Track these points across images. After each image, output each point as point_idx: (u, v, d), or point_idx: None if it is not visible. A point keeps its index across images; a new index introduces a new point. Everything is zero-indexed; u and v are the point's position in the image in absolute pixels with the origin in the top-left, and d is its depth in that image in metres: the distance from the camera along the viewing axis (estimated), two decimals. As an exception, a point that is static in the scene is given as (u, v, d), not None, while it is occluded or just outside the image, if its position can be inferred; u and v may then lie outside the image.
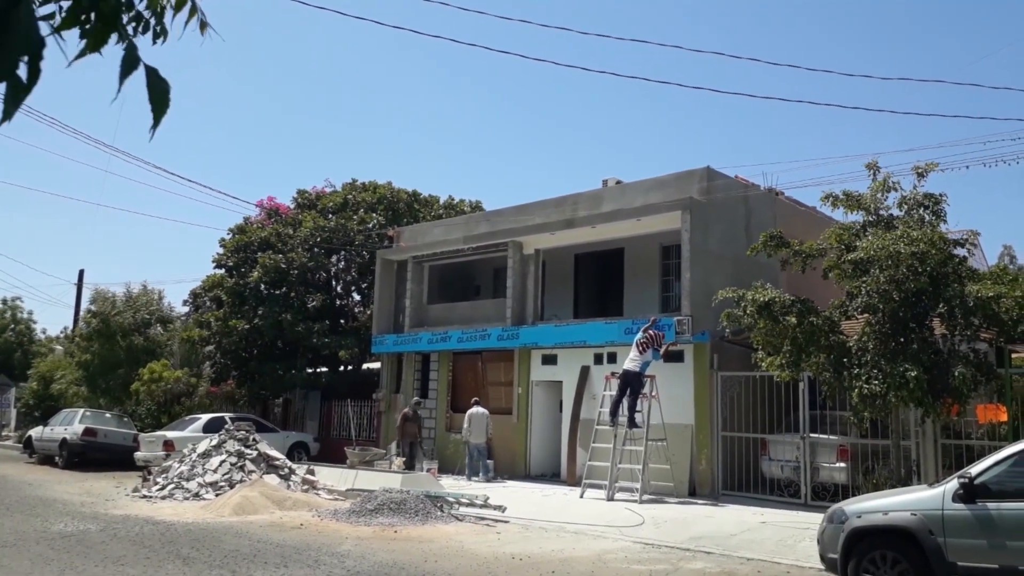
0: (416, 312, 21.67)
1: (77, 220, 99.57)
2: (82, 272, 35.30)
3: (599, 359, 17.23)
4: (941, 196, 11.87)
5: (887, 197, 12.17)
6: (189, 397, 25.55)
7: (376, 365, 23.67)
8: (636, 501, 13.61)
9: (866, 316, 11.56)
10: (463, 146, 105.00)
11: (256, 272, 24.04)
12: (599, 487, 14.51)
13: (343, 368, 25.01)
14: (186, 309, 29.55)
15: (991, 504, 6.51)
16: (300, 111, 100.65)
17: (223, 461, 14.62)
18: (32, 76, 1.71)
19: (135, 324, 27.19)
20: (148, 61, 1.99)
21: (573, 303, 20.56)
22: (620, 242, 18.66)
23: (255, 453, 14.91)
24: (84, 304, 32.13)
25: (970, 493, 6.58)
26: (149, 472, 15.70)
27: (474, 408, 18.04)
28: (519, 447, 18.55)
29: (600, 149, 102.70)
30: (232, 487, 13.71)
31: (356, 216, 25.18)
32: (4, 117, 1.72)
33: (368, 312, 24.52)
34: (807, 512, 12.18)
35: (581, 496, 14.43)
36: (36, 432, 22.98)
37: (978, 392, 11.22)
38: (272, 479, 14.14)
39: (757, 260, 13.81)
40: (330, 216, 25.48)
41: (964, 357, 10.83)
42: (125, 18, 2.04)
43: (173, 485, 14.33)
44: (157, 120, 1.96)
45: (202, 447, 15.33)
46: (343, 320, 25.57)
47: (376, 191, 26.34)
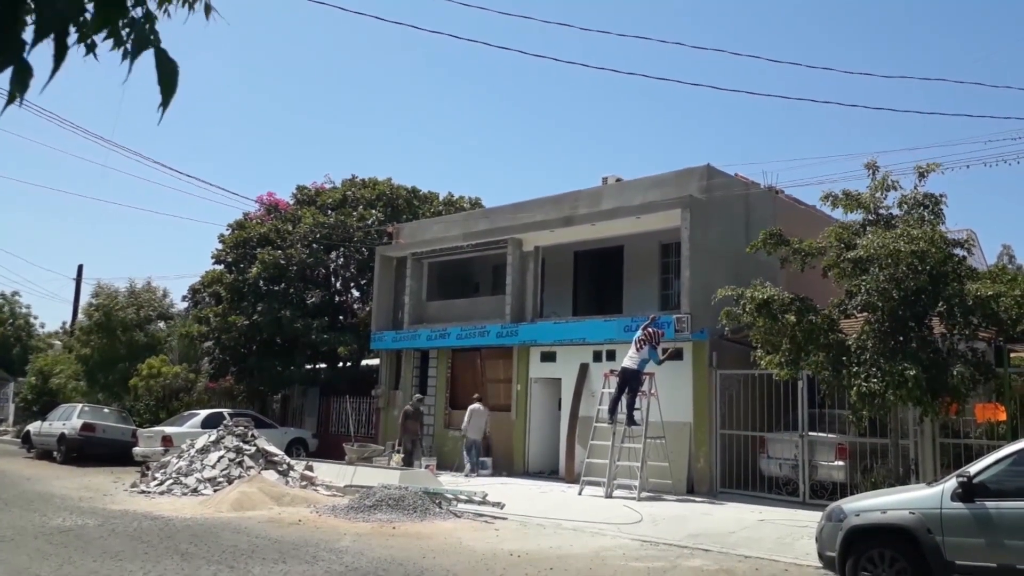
0: (415, 309, 21.67)
1: (76, 215, 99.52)
2: (81, 267, 35.36)
3: (598, 356, 17.24)
4: (941, 196, 11.88)
5: (887, 196, 12.18)
6: (188, 393, 25.56)
7: (375, 362, 23.67)
8: (634, 498, 13.63)
9: (865, 315, 11.57)
10: (463, 143, 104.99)
11: (255, 268, 24.02)
12: (597, 484, 14.52)
13: (342, 364, 25.00)
14: (185, 305, 29.54)
15: (989, 503, 6.51)
16: (300, 107, 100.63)
17: (221, 457, 14.62)
18: (58, 55, 1.73)
19: (137, 320, 27.17)
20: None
21: (572, 300, 20.56)
22: (619, 240, 18.66)
23: (253, 449, 14.91)
24: (84, 299, 32.15)
25: (968, 492, 6.59)
26: (147, 467, 15.69)
27: (475, 404, 18.28)
28: (518, 444, 18.55)
29: (600, 147, 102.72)
30: (230, 483, 13.70)
31: (355, 212, 25.16)
32: (9, 100, 1.73)
33: (367, 308, 24.52)
34: (805, 510, 12.19)
35: (579, 493, 14.45)
36: (34, 427, 22.97)
37: (977, 391, 11.25)
38: (270, 475, 14.14)
39: (756, 258, 13.82)
40: (329, 212, 25.47)
41: (963, 356, 10.85)
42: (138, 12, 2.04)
43: (171, 481, 14.33)
44: (166, 101, 1.97)
45: (200, 443, 15.32)
46: (342, 316, 25.56)
47: (375, 187, 26.32)
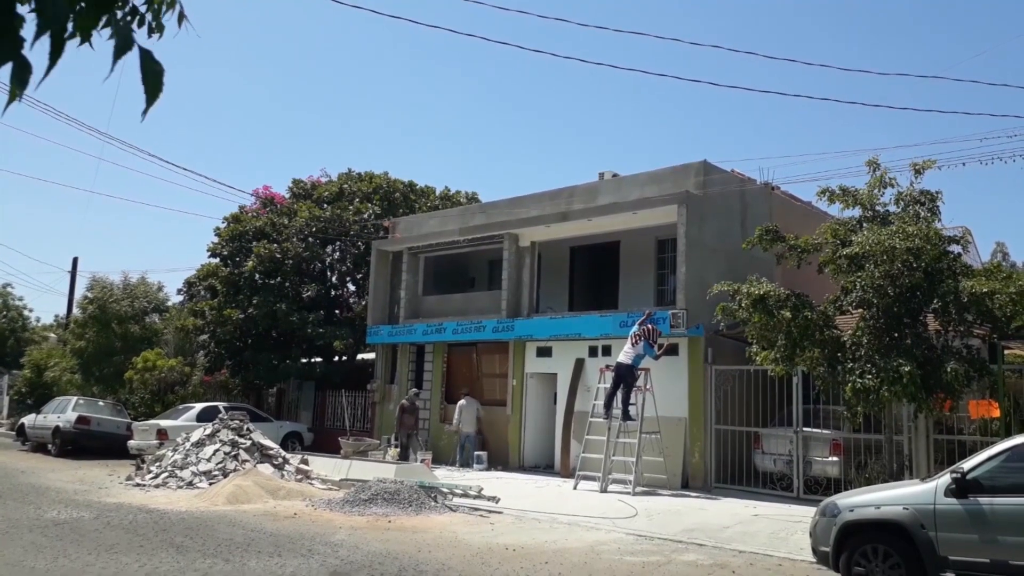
0: (411, 303, 21.66)
1: (71, 207, 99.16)
2: (76, 260, 35.22)
3: (594, 352, 17.26)
4: (937, 193, 11.90)
5: (883, 193, 12.20)
6: (183, 386, 25.52)
7: (371, 356, 23.66)
8: (629, 493, 13.67)
9: (860, 311, 11.59)
10: (460, 137, 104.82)
11: (251, 261, 23.97)
12: (593, 479, 14.56)
13: (337, 358, 24.99)
14: (180, 298, 29.49)
15: (983, 499, 6.55)
16: (296, 100, 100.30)
17: (217, 450, 14.61)
18: (54, 52, 1.73)
19: (132, 313, 27.11)
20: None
21: (568, 296, 20.58)
22: (616, 235, 18.67)
23: (249, 442, 14.90)
24: (79, 291, 32.06)
25: (962, 488, 6.62)
26: (142, 460, 15.68)
27: (463, 399, 18.58)
28: (513, 439, 18.58)
29: (597, 142, 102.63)
30: (226, 476, 13.70)
31: (352, 206, 25.10)
32: (10, 99, 1.73)
33: (363, 303, 24.49)
34: (799, 506, 12.24)
35: (575, 488, 14.48)
36: (29, 420, 22.92)
37: (971, 388, 11.27)
38: (266, 469, 14.14)
39: (752, 255, 13.84)
40: (325, 206, 25.40)
41: (957, 353, 10.88)
42: (119, 14, 2.04)
43: (167, 474, 14.32)
44: (150, 102, 1.97)
45: (196, 436, 15.31)
46: (338, 310, 25.54)
47: (372, 181, 26.27)
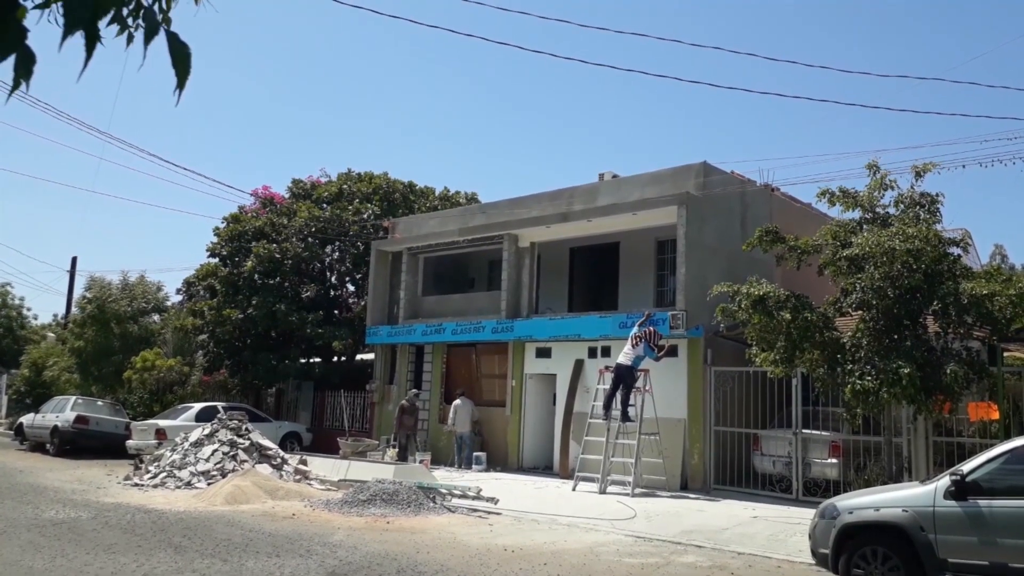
0: (410, 304, 21.65)
1: (70, 207, 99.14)
2: (75, 259, 35.22)
3: (593, 353, 17.25)
4: (937, 195, 11.90)
5: (884, 195, 12.19)
6: (182, 386, 25.49)
7: (370, 356, 23.65)
8: (628, 494, 13.66)
9: (860, 313, 11.59)
10: (459, 138, 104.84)
11: (250, 261, 23.95)
12: (592, 480, 14.55)
13: (336, 359, 24.98)
14: (179, 298, 29.47)
15: (982, 501, 6.54)
16: (296, 100, 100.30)
17: (215, 450, 14.59)
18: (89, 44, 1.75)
19: (131, 312, 27.09)
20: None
21: (568, 296, 20.57)
22: (615, 236, 18.66)
23: (248, 443, 14.89)
24: (78, 291, 32.02)
25: (961, 490, 6.61)
26: (141, 460, 15.66)
27: (458, 399, 18.74)
28: (512, 439, 18.57)
29: (597, 143, 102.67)
30: (224, 476, 13.69)
31: (351, 206, 25.09)
32: (14, 87, 1.73)
33: (362, 303, 24.47)
34: (798, 507, 12.23)
35: (574, 489, 14.46)
36: (27, 419, 22.91)
37: (970, 390, 11.27)
38: (264, 469, 14.13)
39: (752, 256, 13.83)
40: (325, 206, 25.39)
41: (957, 355, 10.88)
42: (125, 11, 2.03)
43: (165, 474, 14.30)
44: (181, 83, 2.00)
45: (194, 436, 15.29)
46: (337, 311, 25.52)
47: (372, 181, 26.25)
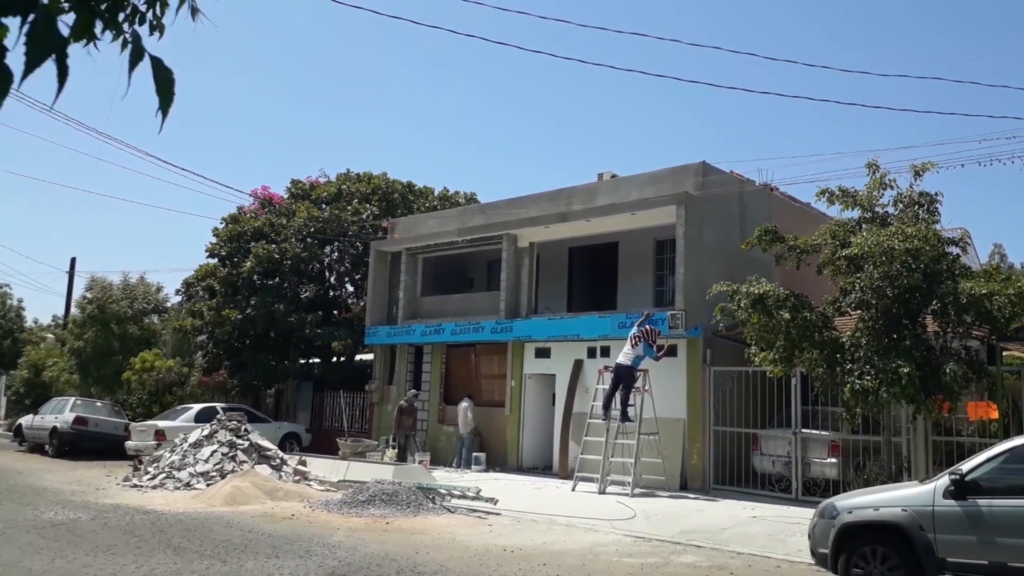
0: (410, 304, 21.64)
1: (69, 208, 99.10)
2: (74, 260, 35.24)
3: (592, 353, 17.24)
4: (936, 195, 11.90)
5: (883, 194, 12.20)
6: (181, 387, 25.47)
7: (369, 357, 23.64)
8: (628, 495, 13.65)
9: (859, 312, 11.60)
10: (459, 138, 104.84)
11: (249, 262, 23.95)
12: (591, 480, 14.54)
13: (336, 359, 24.96)
14: (178, 298, 29.44)
15: (981, 501, 6.54)
16: (295, 101, 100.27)
17: (214, 451, 14.58)
18: (60, 74, 1.75)
19: (131, 313, 27.07)
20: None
21: (567, 297, 20.56)
22: (614, 236, 18.66)
23: (247, 443, 14.87)
24: (77, 292, 31.99)
25: (961, 490, 6.61)
26: (140, 461, 15.64)
27: (464, 401, 18.95)
28: (511, 440, 18.57)
29: (596, 143, 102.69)
30: (223, 477, 13.67)
31: (350, 207, 25.09)
32: None
33: (361, 303, 24.47)
34: (798, 507, 12.22)
35: (573, 489, 14.46)
36: (26, 420, 22.88)
37: (969, 389, 11.28)
38: (264, 469, 14.12)
39: (751, 256, 13.83)
40: (324, 206, 25.39)
41: (956, 354, 10.89)
42: (121, 16, 2.02)
43: (164, 475, 14.29)
44: (164, 110, 1.98)
45: (193, 437, 15.28)
46: (336, 311, 25.51)
47: (371, 182, 26.24)
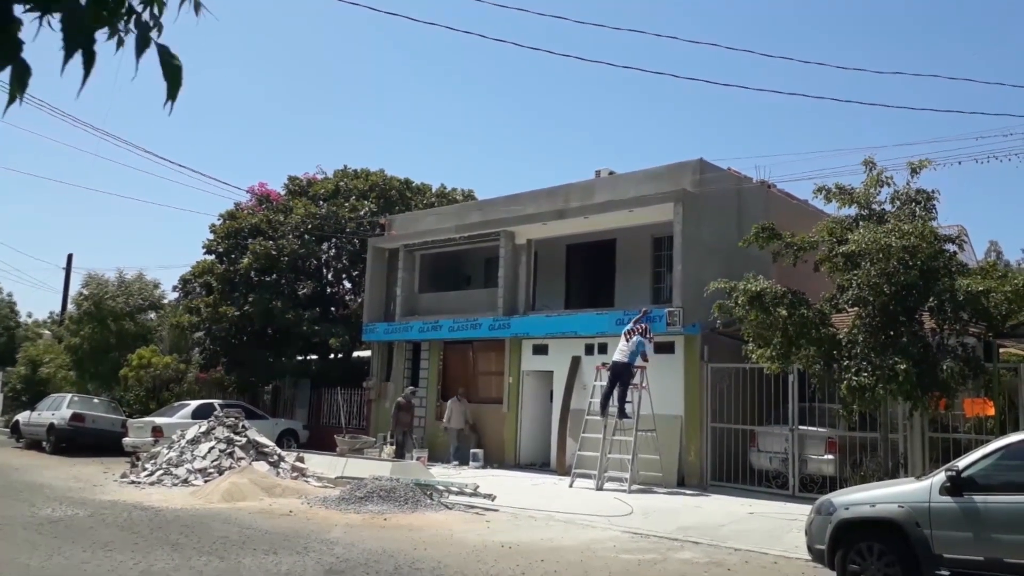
0: (407, 301, 21.64)
1: (66, 204, 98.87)
2: (71, 256, 35.16)
3: (590, 349, 17.26)
4: (933, 192, 11.92)
5: (880, 192, 12.21)
6: (178, 383, 25.46)
7: (366, 353, 23.64)
8: (625, 491, 13.68)
9: (856, 309, 11.61)
10: (456, 135, 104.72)
11: (246, 259, 23.92)
12: (588, 477, 14.57)
13: (333, 356, 24.96)
14: (175, 295, 29.41)
15: (978, 497, 6.56)
16: (292, 98, 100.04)
17: (212, 448, 14.58)
18: (86, 62, 1.79)
19: (128, 309, 27.04)
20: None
21: (564, 294, 20.56)
22: (612, 233, 18.66)
23: (244, 440, 14.88)
24: (74, 288, 31.93)
25: (957, 486, 6.63)
26: (137, 458, 15.64)
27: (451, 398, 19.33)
28: (509, 436, 18.59)
29: (593, 140, 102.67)
30: (221, 474, 13.68)
31: (347, 203, 25.07)
32: (9, 100, 1.74)
33: (359, 300, 24.46)
34: (795, 504, 12.25)
35: (571, 485, 14.48)
36: (23, 417, 22.86)
37: (966, 386, 11.30)
38: (261, 466, 14.12)
39: (749, 253, 13.84)
40: (321, 203, 25.37)
41: (953, 351, 10.91)
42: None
43: (161, 471, 14.29)
44: (172, 95, 2.03)
45: (191, 433, 15.28)
46: (334, 308, 25.50)
47: (368, 178, 26.22)
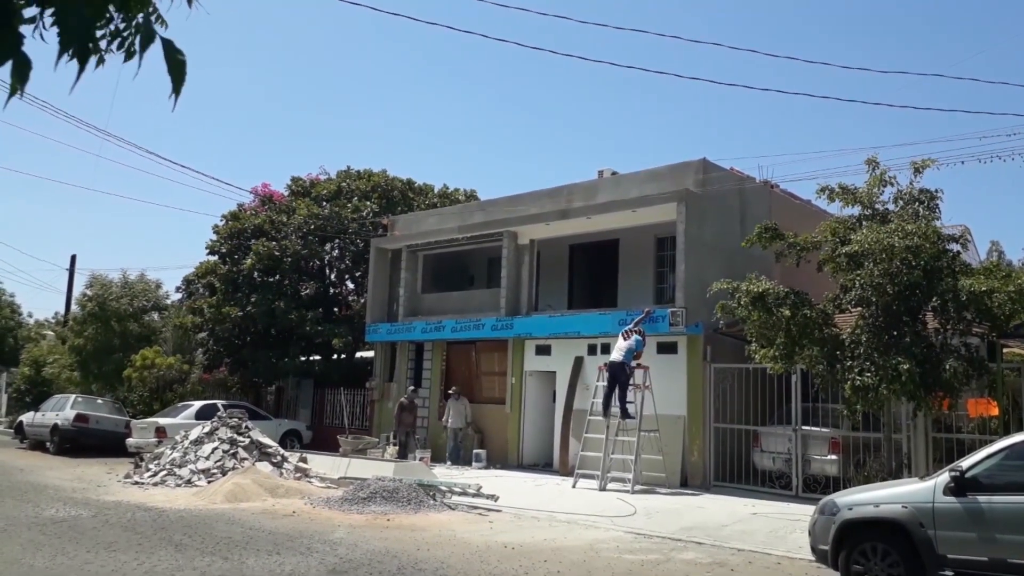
0: (410, 301, 21.65)
1: (69, 205, 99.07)
2: (74, 257, 35.31)
3: (593, 350, 17.25)
4: (937, 192, 11.89)
5: (883, 191, 12.19)
6: (181, 384, 25.48)
7: (369, 354, 23.65)
8: (628, 491, 13.67)
9: (859, 309, 11.59)
10: (458, 135, 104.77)
11: (249, 259, 23.95)
12: (591, 477, 14.56)
13: (336, 356, 24.97)
14: (179, 296, 29.45)
15: (981, 497, 6.54)
16: (295, 99, 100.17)
17: (215, 448, 14.60)
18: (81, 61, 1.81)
19: (131, 310, 27.09)
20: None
21: (567, 294, 20.56)
22: (615, 233, 18.65)
23: (247, 440, 14.89)
24: (77, 289, 32.00)
25: (961, 486, 6.62)
26: (141, 458, 15.67)
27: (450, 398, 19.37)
28: (512, 437, 18.59)
29: (596, 140, 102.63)
30: (224, 474, 13.69)
31: (350, 204, 25.07)
32: (11, 93, 1.76)
33: (362, 301, 24.48)
34: (798, 504, 12.24)
35: (574, 486, 14.48)
36: (27, 417, 22.91)
37: (969, 386, 11.28)
38: (264, 467, 14.14)
39: (752, 253, 13.82)
40: (324, 204, 25.37)
41: (956, 351, 10.88)
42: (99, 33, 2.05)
43: (165, 472, 14.31)
44: (177, 90, 2.06)
45: (194, 434, 15.30)
46: (337, 308, 25.51)
47: (371, 179, 26.22)
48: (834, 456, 13.24)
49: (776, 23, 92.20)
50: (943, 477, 6.80)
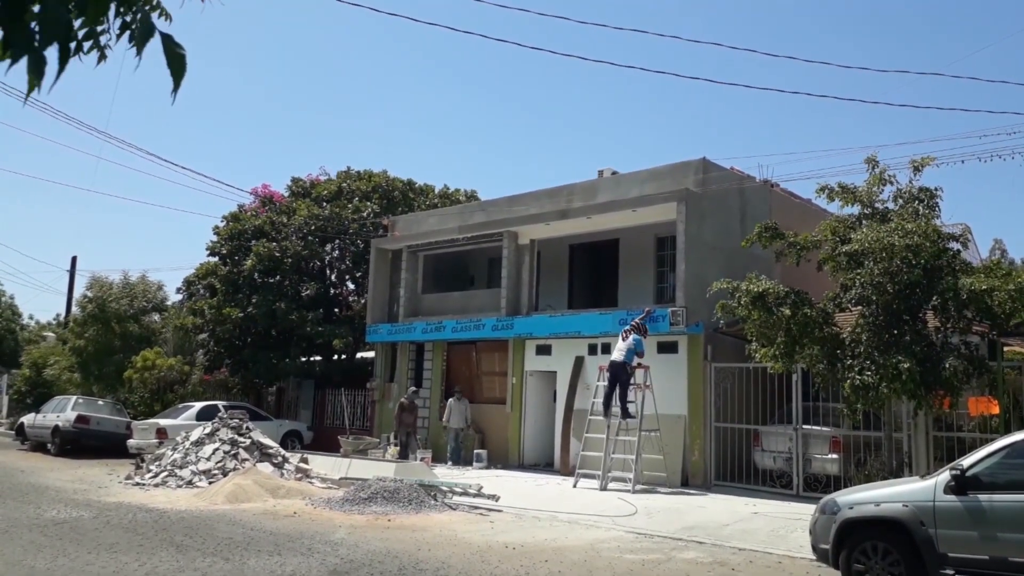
0: (410, 302, 21.66)
1: (70, 206, 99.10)
2: (75, 259, 35.24)
3: (593, 350, 17.26)
4: (936, 190, 11.88)
5: (883, 190, 12.19)
6: (182, 385, 25.51)
7: (370, 354, 23.66)
8: (629, 491, 13.68)
9: (860, 308, 11.59)
10: (459, 135, 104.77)
11: (250, 260, 23.96)
12: (592, 477, 14.57)
13: (337, 357, 24.98)
14: (179, 297, 29.47)
15: (982, 496, 6.54)
16: (295, 99, 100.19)
17: (216, 449, 14.61)
18: (62, 57, 1.82)
19: (132, 311, 27.10)
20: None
21: (568, 294, 20.57)
22: (615, 233, 18.66)
23: (248, 441, 14.90)
24: (78, 290, 32.03)
25: (961, 485, 6.61)
26: (142, 460, 15.67)
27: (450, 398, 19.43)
28: (513, 437, 18.59)
29: (596, 139, 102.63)
30: (225, 475, 13.70)
31: (351, 205, 25.08)
32: (29, 89, 1.79)
33: (362, 301, 24.49)
34: (799, 503, 12.25)
35: (574, 486, 14.49)
36: (28, 419, 22.92)
37: (970, 385, 11.28)
38: (266, 467, 14.15)
39: (752, 252, 13.83)
40: (324, 204, 25.38)
41: (956, 350, 10.88)
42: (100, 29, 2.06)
43: (166, 473, 14.32)
44: (177, 84, 2.07)
45: (195, 435, 15.31)
46: (337, 309, 25.52)
47: (371, 179, 26.23)
48: (835, 455, 13.25)
49: (776, 23, 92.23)
50: (944, 476, 6.80)
